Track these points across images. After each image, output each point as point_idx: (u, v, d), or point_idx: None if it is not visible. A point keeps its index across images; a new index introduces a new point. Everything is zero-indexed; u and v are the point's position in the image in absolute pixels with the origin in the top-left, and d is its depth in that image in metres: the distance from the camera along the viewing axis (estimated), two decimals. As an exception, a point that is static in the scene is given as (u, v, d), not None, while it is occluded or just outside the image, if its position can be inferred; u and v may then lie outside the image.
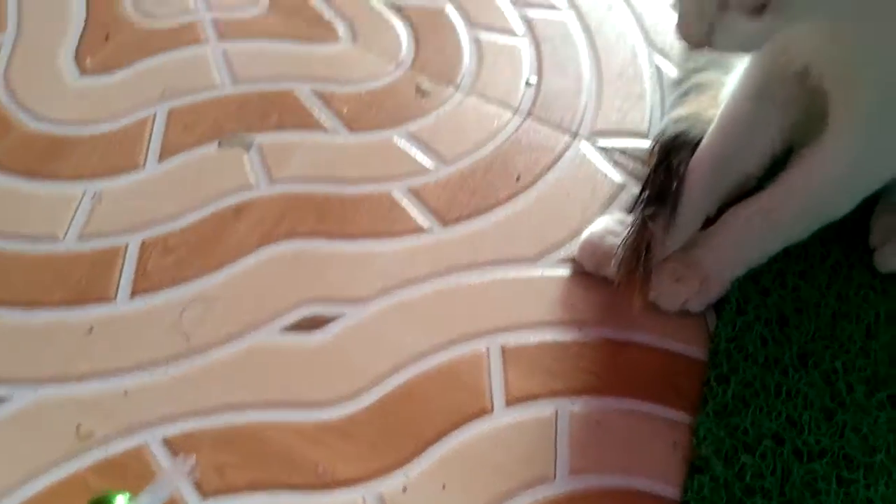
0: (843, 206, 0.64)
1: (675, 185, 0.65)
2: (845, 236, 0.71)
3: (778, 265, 0.69)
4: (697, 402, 0.63)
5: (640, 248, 0.63)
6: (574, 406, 0.62)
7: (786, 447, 0.60)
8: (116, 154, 0.73)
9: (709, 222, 0.68)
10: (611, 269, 0.66)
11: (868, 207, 0.71)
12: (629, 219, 0.67)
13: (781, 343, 0.66)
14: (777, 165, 0.66)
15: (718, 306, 0.68)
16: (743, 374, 0.64)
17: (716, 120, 0.67)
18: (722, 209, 0.67)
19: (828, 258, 0.71)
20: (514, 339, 0.65)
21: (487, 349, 0.64)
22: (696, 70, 0.76)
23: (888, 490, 0.59)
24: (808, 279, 0.69)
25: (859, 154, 0.60)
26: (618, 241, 0.65)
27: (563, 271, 0.69)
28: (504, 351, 0.64)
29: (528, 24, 0.89)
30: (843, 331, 0.67)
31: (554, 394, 0.63)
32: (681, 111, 0.73)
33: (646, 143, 0.77)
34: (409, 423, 0.60)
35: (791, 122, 0.65)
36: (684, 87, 0.77)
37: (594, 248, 0.68)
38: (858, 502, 0.58)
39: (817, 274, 0.70)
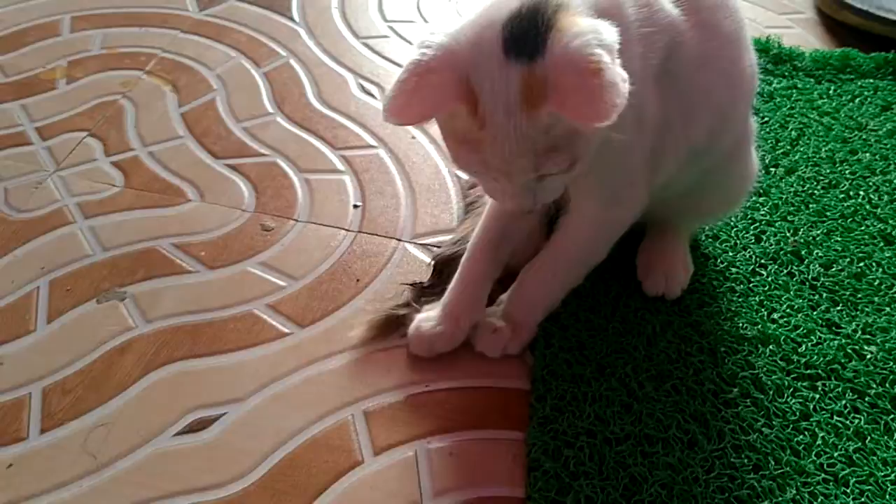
0: (599, 252, 0.81)
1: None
2: (620, 274, 0.90)
3: (571, 305, 0.87)
4: (526, 420, 0.78)
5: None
6: (430, 445, 0.76)
7: (597, 438, 0.75)
8: (10, 324, 0.85)
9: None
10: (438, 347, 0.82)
11: (634, 249, 0.91)
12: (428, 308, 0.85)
13: (583, 363, 0.82)
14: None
15: (532, 346, 0.84)
16: (556, 391, 0.79)
17: (487, 209, 0.84)
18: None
19: (610, 292, 0.89)
20: (373, 403, 0.79)
21: (352, 415, 0.78)
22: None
23: (683, 454, 0.75)
24: (596, 311, 0.87)
25: (596, 217, 0.79)
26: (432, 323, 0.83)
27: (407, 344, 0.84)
28: (366, 414, 0.78)
29: (348, 161, 1.07)
30: (629, 344, 0.84)
31: (412, 438, 0.76)
32: (455, 236, 0.93)
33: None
34: (295, 486, 0.72)
35: (546, 209, 0.83)
36: (469, 199, 0.97)
37: (419, 338, 0.83)
38: (661, 467, 0.74)
39: (603, 305, 0.88)
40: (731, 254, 0.94)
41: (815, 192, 1.03)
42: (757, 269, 0.93)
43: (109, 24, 1.28)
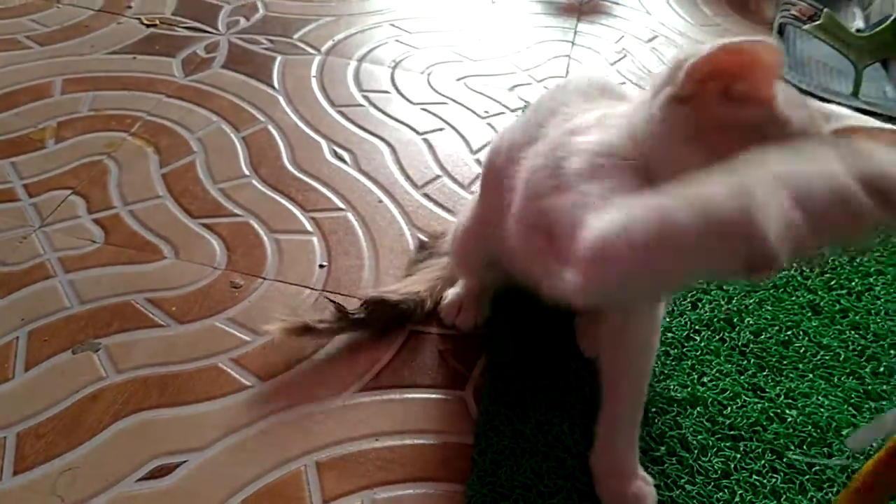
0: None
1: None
2: (562, 338, 0.97)
3: (517, 366, 0.93)
4: (468, 473, 0.83)
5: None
6: (376, 495, 0.81)
7: (532, 492, 0.81)
8: (-12, 372, 0.90)
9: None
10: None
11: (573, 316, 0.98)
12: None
13: (523, 419, 0.88)
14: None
15: (478, 398, 0.90)
16: (497, 445, 0.85)
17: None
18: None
19: (552, 355, 0.96)
20: (325, 455, 0.84)
21: (305, 466, 0.83)
22: (418, 260, 1.07)
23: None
24: (539, 372, 0.94)
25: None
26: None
27: (363, 398, 0.90)
28: (318, 464, 0.84)
29: (317, 223, 1.14)
30: (567, 402, 0.90)
31: (360, 489, 0.82)
32: (394, 286, 1.02)
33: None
34: (248, 531, 0.78)
35: None
36: (421, 255, 1.05)
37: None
38: (589, 521, 0.80)
39: (545, 367, 0.94)
40: (667, 319, 1.01)
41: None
42: (691, 335, 0.99)
43: (99, 87, 1.36)
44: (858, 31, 1.63)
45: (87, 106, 1.32)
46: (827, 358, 0.98)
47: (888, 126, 0.62)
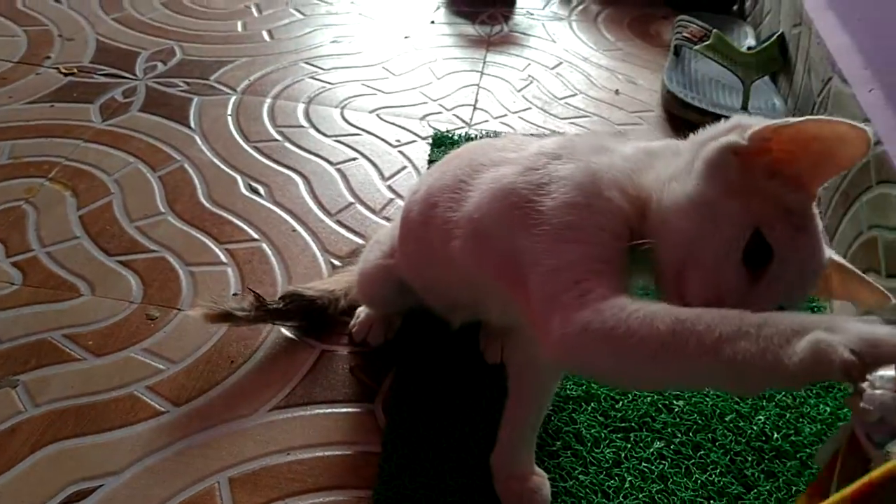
0: None
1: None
2: (466, 346, 1.02)
3: (423, 375, 0.99)
4: (376, 479, 0.88)
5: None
6: (287, 505, 0.86)
7: (434, 491, 0.86)
8: None
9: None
10: None
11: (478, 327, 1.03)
12: None
13: (427, 425, 0.93)
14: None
15: (387, 410, 0.95)
16: (402, 451, 0.90)
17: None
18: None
19: (456, 362, 1.01)
20: (237, 471, 0.89)
21: (218, 482, 0.87)
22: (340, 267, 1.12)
23: None
24: (443, 379, 0.99)
25: None
26: None
27: (275, 417, 0.95)
28: (231, 480, 0.88)
29: (231, 254, 1.18)
30: (468, 406, 0.96)
31: (272, 500, 0.86)
32: (311, 283, 1.07)
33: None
34: (163, 546, 0.81)
35: None
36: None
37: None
38: (488, 513, 0.85)
39: (449, 374, 1.00)
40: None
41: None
42: (586, 338, 1.06)
43: (18, 135, 1.39)
44: (749, 48, 1.74)
45: (7, 154, 1.35)
46: (713, 351, 1.05)
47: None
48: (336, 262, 1.17)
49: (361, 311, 1.07)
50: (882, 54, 1.27)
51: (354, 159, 1.42)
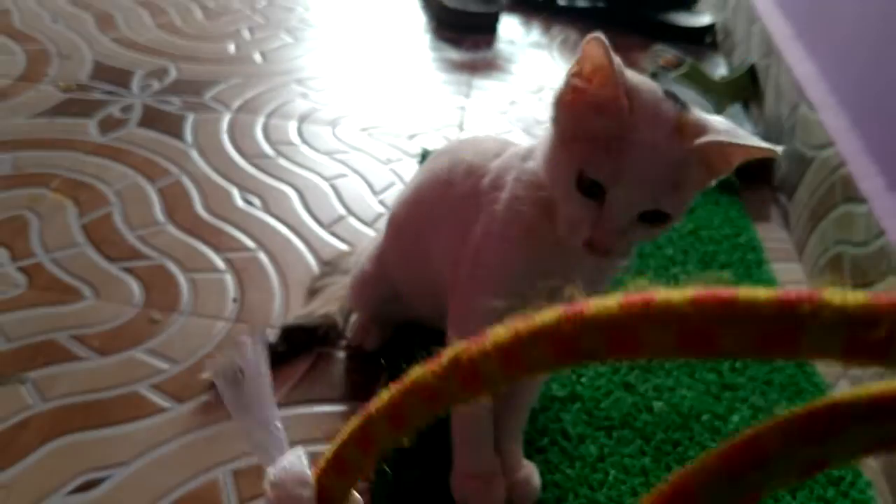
0: None
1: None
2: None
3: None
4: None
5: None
6: (288, 495, 0.90)
7: (428, 486, 0.91)
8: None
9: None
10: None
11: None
12: None
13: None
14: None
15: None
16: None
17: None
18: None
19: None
20: (241, 464, 0.93)
21: (222, 474, 0.91)
22: (323, 276, 1.17)
23: (499, 491, 0.91)
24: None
25: None
26: None
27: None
28: (234, 473, 0.92)
29: (229, 262, 1.23)
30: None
31: (273, 490, 0.90)
32: (301, 311, 1.12)
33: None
34: (170, 533, 0.85)
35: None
36: (316, 286, 1.15)
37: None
38: (480, 502, 0.89)
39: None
40: (550, 330, 1.13)
41: (624, 278, 1.23)
42: (571, 343, 1.11)
43: (20, 148, 1.44)
44: (722, 77, 1.83)
45: (10, 166, 1.39)
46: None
47: (752, 143, 0.63)
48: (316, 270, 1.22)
49: (356, 317, 1.12)
50: (846, 82, 1.36)
51: (346, 175, 1.47)
